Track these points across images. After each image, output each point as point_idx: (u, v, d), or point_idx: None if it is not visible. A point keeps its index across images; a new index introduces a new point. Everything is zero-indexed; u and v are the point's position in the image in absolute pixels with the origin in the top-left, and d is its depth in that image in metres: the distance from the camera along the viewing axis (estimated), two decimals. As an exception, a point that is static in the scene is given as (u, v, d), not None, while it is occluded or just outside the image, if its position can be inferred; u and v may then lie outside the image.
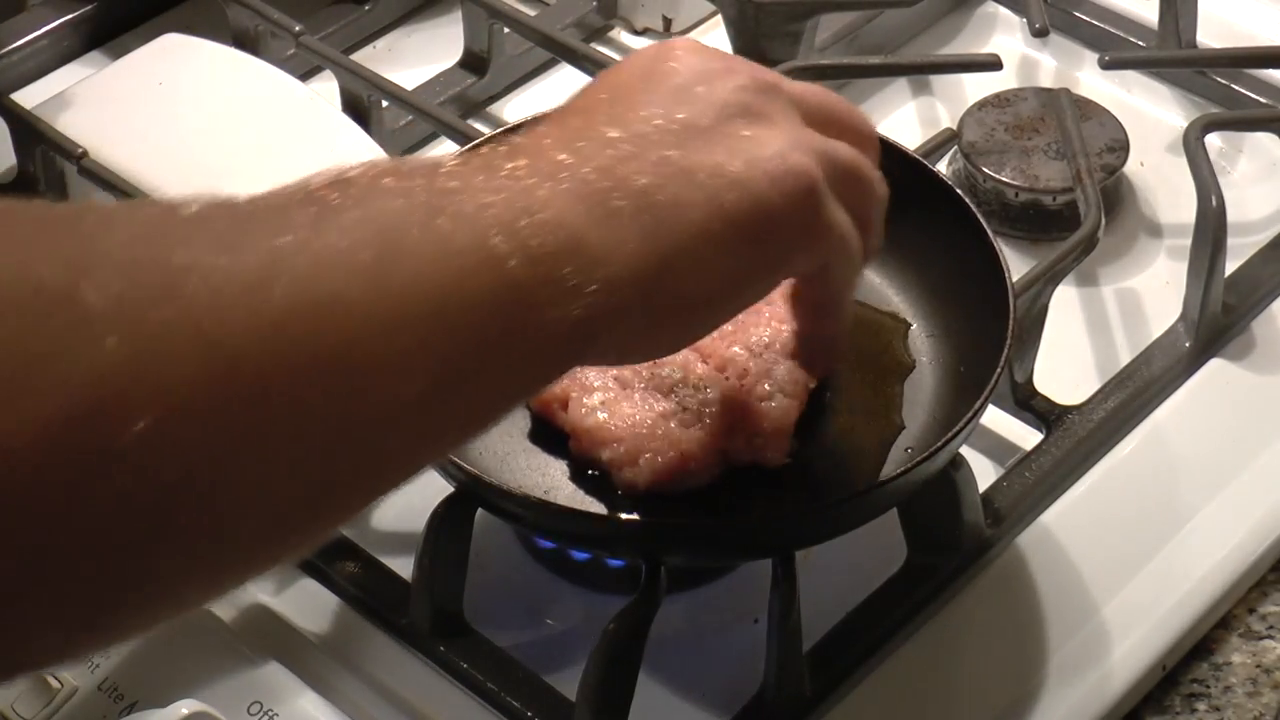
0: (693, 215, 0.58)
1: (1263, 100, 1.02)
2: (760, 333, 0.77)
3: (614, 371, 0.76)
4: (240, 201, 0.52)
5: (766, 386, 0.75)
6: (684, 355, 0.76)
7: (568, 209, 0.56)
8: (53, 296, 0.45)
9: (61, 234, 0.47)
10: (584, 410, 0.74)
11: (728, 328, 0.77)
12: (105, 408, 0.45)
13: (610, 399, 0.75)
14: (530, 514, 0.72)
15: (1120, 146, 0.97)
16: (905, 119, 1.03)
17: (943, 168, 0.96)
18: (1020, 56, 1.07)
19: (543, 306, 0.54)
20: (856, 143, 0.66)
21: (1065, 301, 0.91)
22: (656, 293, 0.58)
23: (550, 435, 0.76)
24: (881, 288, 0.82)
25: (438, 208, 0.53)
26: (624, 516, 0.73)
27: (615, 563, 0.79)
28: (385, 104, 0.98)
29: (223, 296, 0.47)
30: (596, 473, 0.74)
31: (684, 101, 0.61)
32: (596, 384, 0.75)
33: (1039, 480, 0.83)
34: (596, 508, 0.73)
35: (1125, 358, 0.89)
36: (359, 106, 0.97)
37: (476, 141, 0.64)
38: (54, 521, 0.45)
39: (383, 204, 0.53)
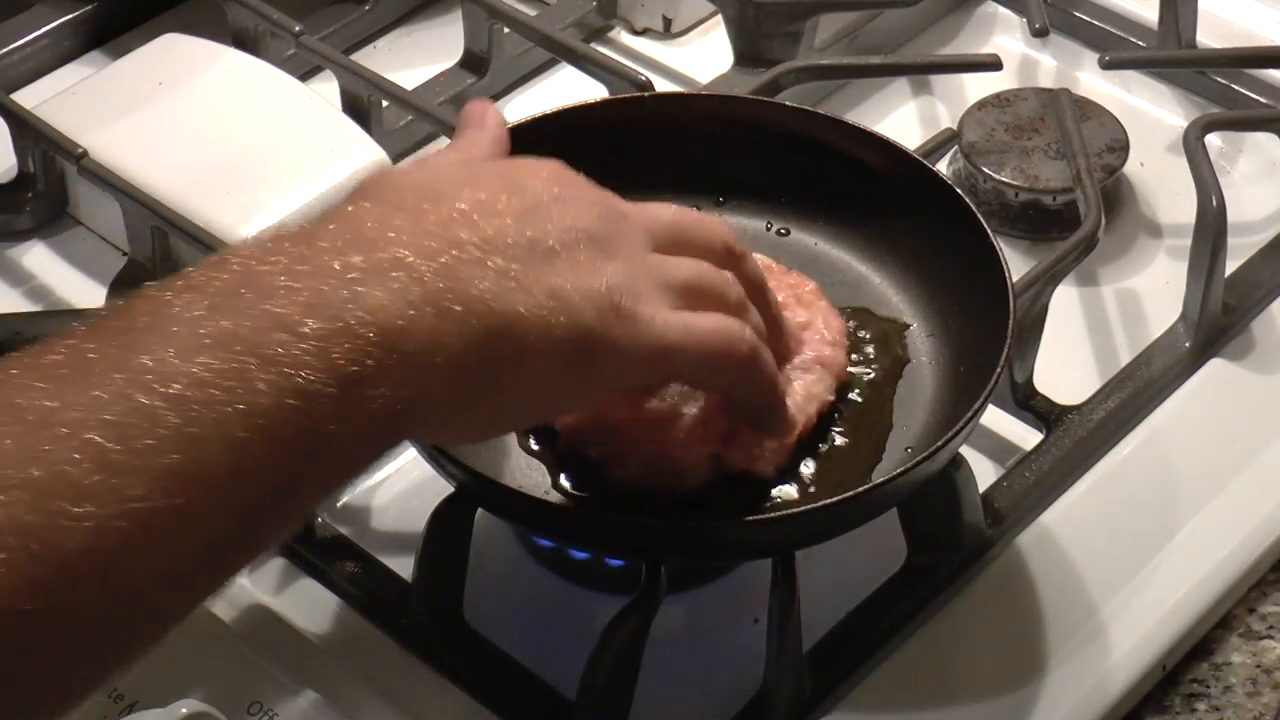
0: (522, 330, 0.61)
1: (1263, 100, 1.02)
2: (780, 347, 0.77)
3: None
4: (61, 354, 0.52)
5: None
6: None
7: (398, 313, 0.57)
8: None
9: None
10: None
11: None
12: None
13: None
14: (530, 514, 0.72)
15: (1120, 146, 0.97)
16: (905, 119, 1.03)
17: (943, 168, 0.96)
18: (1020, 56, 1.07)
19: (345, 417, 0.55)
20: (708, 256, 0.69)
21: (1065, 301, 0.91)
22: (471, 392, 0.60)
23: (551, 435, 0.75)
24: (881, 288, 0.82)
25: (252, 371, 0.53)
26: (624, 517, 0.72)
27: (615, 563, 0.79)
28: (385, 104, 0.98)
29: (39, 489, 0.49)
30: (590, 470, 0.74)
31: (536, 220, 0.64)
32: None
33: (1039, 480, 0.83)
34: (596, 508, 0.73)
35: (1125, 358, 0.89)
36: (359, 106, 0.97)
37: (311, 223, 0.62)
38: None
39: (201, 383, 0.52)
